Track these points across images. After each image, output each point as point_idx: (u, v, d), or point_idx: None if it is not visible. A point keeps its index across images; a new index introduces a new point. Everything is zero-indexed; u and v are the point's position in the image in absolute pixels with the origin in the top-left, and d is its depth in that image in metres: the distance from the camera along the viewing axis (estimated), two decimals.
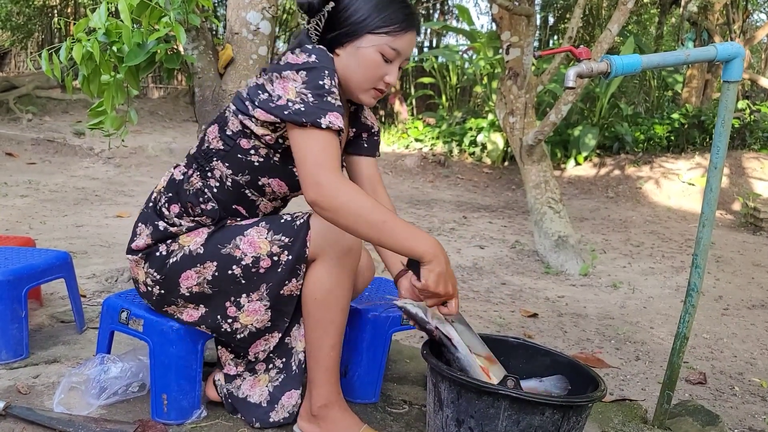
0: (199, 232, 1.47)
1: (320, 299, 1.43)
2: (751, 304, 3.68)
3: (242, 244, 1.42)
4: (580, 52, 1.45)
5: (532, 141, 4.43)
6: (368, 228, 1.25)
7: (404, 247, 1.27)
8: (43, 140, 7.54)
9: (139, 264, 1.51)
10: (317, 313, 1.44)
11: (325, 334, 1.45)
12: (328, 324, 1.44)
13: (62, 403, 1.56)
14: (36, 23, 11.76)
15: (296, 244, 1.41)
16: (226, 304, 1.46)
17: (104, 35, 2.10)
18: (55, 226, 4.22)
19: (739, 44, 1.61)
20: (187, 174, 1.51)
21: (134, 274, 1.54)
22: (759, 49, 12.16)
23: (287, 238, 1.41)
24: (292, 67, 1.33)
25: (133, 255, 1.52)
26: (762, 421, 2.18)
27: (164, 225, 1.48)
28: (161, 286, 1.48)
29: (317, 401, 1.48)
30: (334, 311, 1.44)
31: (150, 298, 1.53)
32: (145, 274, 1.50)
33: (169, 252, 1.47)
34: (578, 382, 1.46)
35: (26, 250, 2.11)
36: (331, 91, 1.33)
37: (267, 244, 1.41)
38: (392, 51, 1.40)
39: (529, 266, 4.25)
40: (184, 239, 1.47)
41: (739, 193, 6.89)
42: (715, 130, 1.63)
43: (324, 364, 1.47)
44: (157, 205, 1.51)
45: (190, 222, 1.48)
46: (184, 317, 1.51)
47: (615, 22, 4.08)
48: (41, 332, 2.12)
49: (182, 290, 1.47)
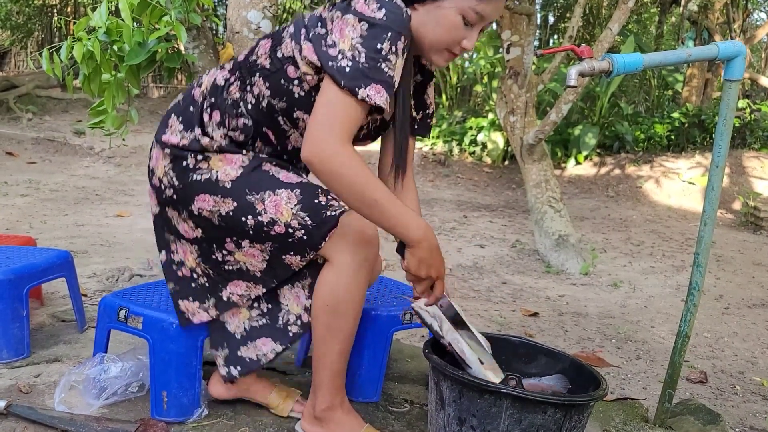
0: (233, 162, 1.39)
1: (331, 306, 1.39)
2: (751, 303, 3.68)
3: (268, 201, 1.35)
4: (582, 51, 1.45)
5: (532, 140, 4.43)
6: (359, 202, 1.24)
7: (391, 228, 1.27)
8: (44, 139, 7.54)
9: (163, 159, 1.43)
10: (327, 319, 1.40)
11: (334, 340, 1.41)
12: (338, 331, 1.41)
13: (63, 402, 1.56)
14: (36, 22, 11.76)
15: (316, 232, 1.35)
16: (226, 239, 1.41)
17: (105, 34, 2.10)
18: (56, 225, 4.22)
19: (741, 43, 1.61)
20: (228, 81, 1.42)
21: (154, 164, 1.46)
22: (759, 48, 12.16)
23: (311, 221, 1.35)
24: (357, 14, 1.23)
25: (160, 146, 1.44)
26: (763, 420, 2.18)
27: (199, 134, 1.41)
28: (175, 192, 1.42)
29: (321, 404, 1.47)
30: (344, 319, 1.40)
31: (158, 194, 1.46)
32: (165, 173, 1.43)
33: (196, 167, 1.40)
34: (579, 381, 1.46)
35: (27, 250, 2.11)
36: (388, 58, 1.23)
37: (290, 215, 1.34)
38: (475, 15, 1.28)
39: (530, 265, 4.25)
40: (216, 163, 1.39)
41: (740, 192, 6.89)
42: (717, 128, 1.63)
43: (331, 369, 1.44)
44: (200, 108, 1.43)
45: (224, 137, 1.41)
46: (180, 228, 1.46)
47: (615, 21, 4.08)
48: (42, 331, 2.11)
49: (192, 207, 1.40)
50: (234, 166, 1.39)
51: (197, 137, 1.41)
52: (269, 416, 1.62)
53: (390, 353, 1.81)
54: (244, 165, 1.39)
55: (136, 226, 4.34)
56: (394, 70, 1.25)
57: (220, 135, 1.41)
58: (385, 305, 1.76)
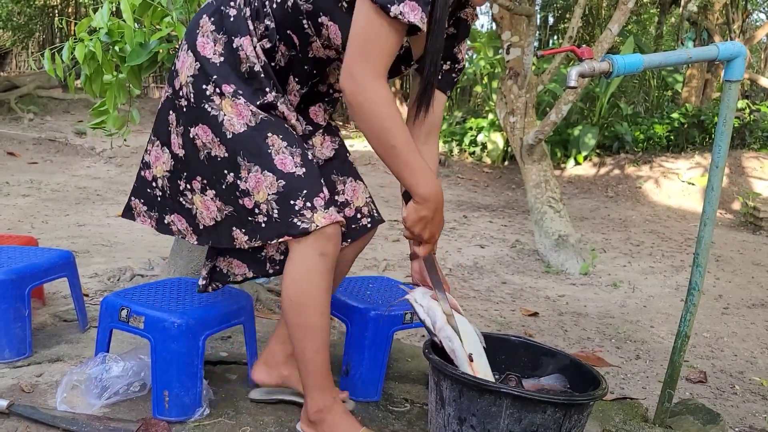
0: (241, 114, 1.35)
1: (294, 301, 1.38)
2: (751, 303, 3.69)
3: (253, 174, 1.34)
4: (582, 52, 1.46)
5: (532, 140, 4.44)
6: (377, 143, 1.23)
7: (402, 178, 1.26)
8: (45, 140, 7.55)
9: (188, 69, 1.39)
10: (293, 317, 1.39)
11: (305, 338, 1.40)
12: (305, 328, 1.39)
13: (65, 402, 1.57)
14: (37, 23, 11.76)
15: (274, 228, 1.34)
16: (198, 176, 1.42)
17: (106, 35, 2.11)
18: (57, 225, 4.23)
19: (741, 43, 1.61)
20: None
21: (179, 66, 1.42)
22: (759, 48, 12.17)
23: (277, 216, 1.33)
24: None
25: (192, 54, 1.39)
26: (763, 420, 2.19)
27: (239, 43, 1.35)
28: (186, 106, 1.40)
29: (311, 407, 1.45)
30: (311, 315, 1.38)
31: (173, 95, 1.43)
32: (186, 83, 1.40)
33: (210, 97, 1.37)
34: (579, 380, 1.46)
35: (29, 250, 2.11)
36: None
37: (263, 198, 1.34)
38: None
39: (530, 265, 4.25)
40: (227, 107, 1.36)
41: (739, 192, 6.90)
42: (717, 129, 1.63)
43: (310, 369, 1.43)
44: (230, 6, 1.37)
45: (254, 52, 1.35)
46: (171, 136, 1.45)
47: (615, 22, 4.09)
48: (44, 331, 2.12)
49: (191, 129, 1.39)
50: (240, 120, 1.35)
51: (235, 46, 1.36)
52: (270, 415, 1.62)
53: (390, 353, 1.82)
54: (249, 124, 1.36)
55: (137, 226, 4.35)
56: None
57: (249, 43, 1.36)
58: (386, 305, 1.77)
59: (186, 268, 2.46)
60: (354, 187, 1.56)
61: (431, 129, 1.50)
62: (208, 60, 1.38)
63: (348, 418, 1.47)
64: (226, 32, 1.37)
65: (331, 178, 1.54)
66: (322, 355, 1.42)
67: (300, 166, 1.36)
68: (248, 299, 1.76)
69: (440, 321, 1.39)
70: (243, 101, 1.36)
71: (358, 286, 1.90)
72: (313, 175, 1.37)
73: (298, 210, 1.33)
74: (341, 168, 1.56)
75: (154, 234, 4.12)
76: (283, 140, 1.36)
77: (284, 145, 1.36)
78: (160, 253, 3.34)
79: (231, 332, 2.10)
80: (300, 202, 1.34)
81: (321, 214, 1.34)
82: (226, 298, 1.72)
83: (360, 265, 3.70)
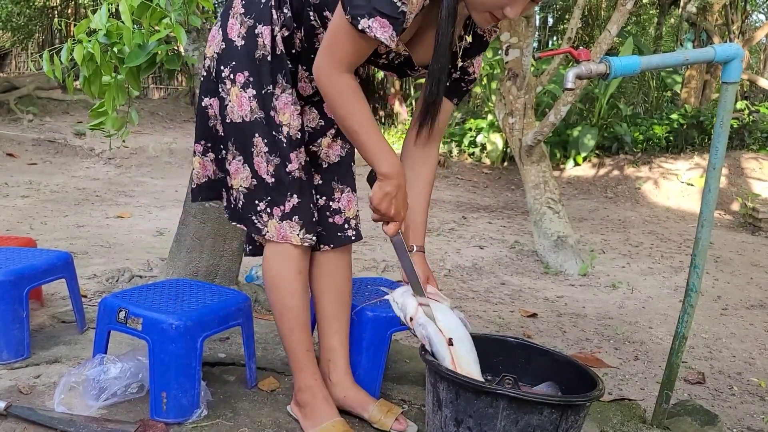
0: (241, 105, 1.45)
1: (270, 282, 1.52)
2: (749, 304, 3.69)
3: (235, 162, 1.48)
4: (579, 54, 1.46)
5: (531, 141, 4.44)
6: (342, 127, 1.38)
7: (367, 159, 1.36)
8: (44, 141, 7.54)
9: (215, 46, 1.50)
10: (270, 297, 1.54)
11: (280, 317, 1.53)
12: (281, 307, 1.52)
13: (63, 403, 1.57)
14: (36, 24, 11.75)
15: (235, 216, 1.53)
16: (203, 140, 1.58)
17: (105, 36, 2.11)
18: (56, 226, 4.23)
19: (738, 45, 1.62)
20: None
21: (210, 37, 1.53)
22: (758, 49, 12.17)
23: (241, 208, 1.50)
24: None
25: (221, 31, 1.48)
26: (761, 421, 2.19)
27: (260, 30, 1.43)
28: (206, 76, 1.53)
29: (296, 386, 1.57)
30: (282, 294, 1.51)
31: (210, 60, 1.53)
32: (212, 57, 1.50)
33: (223, 80, 1.47)
34: (577, 381, 1.46)
35: (27, 251, 2.11)
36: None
37: (237, 186, 1.50)
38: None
39: (529, 266, 4.25)
40: (233, 95, 1.46)
41: (738, 193, 6.90)
42: (714, 130, 1.64)
43: (288, 349, 1.55)
44: None
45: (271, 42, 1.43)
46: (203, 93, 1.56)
47: (614, 23, 4.09)
48: (42, 332, 2.12)
49: (206, 100, 1.53)
50: (240, 110, 1.46)
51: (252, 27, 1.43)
52: (268, 417, 1.62)
53: (388, 354, 1.82)
54: (244, 118, 1.46)
55: (136, 227, 4.35)
56: (407, 5, 1.21)
57: (268, 32, 1.43)
58: (384, 307, 1.77)
59: (185, 269, 2.46)
60: (350, 198, 1.65)
61: (435, 134, 1.52)
62: (232, 42, 1.47)
63: (327, 405, 1.54)
64: (252, 17, 1.44)
65: (331, 184, 1.63)
66: (297, 335, 1.53)
67: (271, 176, 1.47)
68: (246, 300, 1.76)
69: (411, 310, 1.41)
70: (247, 96, 1.45)
71: (356, 288, 1.90)
72: (282, 186, 1.47)
73: (258, 211, 1.49)
74: (343, 177, 1.64)
75: (152, 235, 4.13)
76: (266, 145, 1.46)
77: (265, 150, 1.46)
78: (159, 254, 3.34)
79: (229, 333, 2.10)
80: (262, 205, 1.48)
81: (274, 223, 1.48)
82: (224, 299, 1.72)
83: (359, 266, 3.70)
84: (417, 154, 1.54)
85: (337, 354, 1.63)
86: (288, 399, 1.69)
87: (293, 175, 1.48)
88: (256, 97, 1.45)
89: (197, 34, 2.32)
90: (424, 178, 1.55)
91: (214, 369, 1.88)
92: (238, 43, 1.45)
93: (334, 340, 1.63)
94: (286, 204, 1.47)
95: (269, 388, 1.78)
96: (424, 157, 1.55)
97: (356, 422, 1.62)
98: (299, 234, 1.48)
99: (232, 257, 2.50)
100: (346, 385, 1.63)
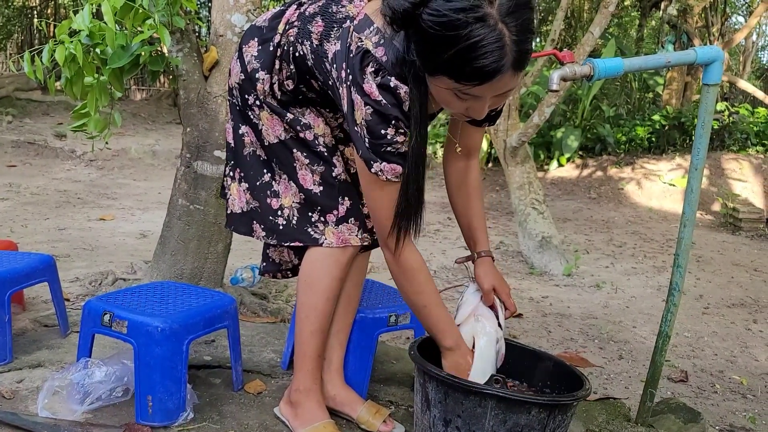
0: (274, 126, 1.49)
1: (305, 281, 1.51)
2: (731, 303, 3.74)
3: (283, 179, 1.51)
4: (563, 56, 1.47)
5: (515, 143, 4.47)
6: (409, 302, 1.42)
7: (431, 332, 1.42)
8: (24, 142, 7.44)
9: (236, 77, 1.52)
10: (302, 296, 1.52)
11: (306, 318, 1.51)
12: (310, 309, 1.51)
13: (47, 408, 1.55)
14: (15, 24, 11.60)
15: (289, 233, 1.51)
16: (238, 168, 1.58)
17: (88, 37, 2.09)
18: (37, 229, 4.17)
19: (718, 48, 1.64)
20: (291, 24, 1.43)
21: (232, 68, 1.55)
22: (737, 51, 12.34)
23: (296, 223, 1.50)
24: (363, 94, 1.24)
25: (239, 63, 1.50)
26: (743, 418, 2.22)
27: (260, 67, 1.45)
28: (236, 105, 1.55)
29: (294, 385, 1.56)
30: (318, 297, 1.50)
31: (229, 91, 1.57)
32: (235, 86, 1.53)
33: (252, 106, 1.50)
34: (563, 381, 1.47)
35: (9, 254, 2.08)
36: (394, 141, 1.25)
37: (288, 204, 1.51)
38: (465, 95, 1.16)
39: (514, 267, 4.28)
40: (264, 118, 1.50)
41: (719, 193, 6.99)
42: (696, 132, 1.66)
43: (303, 350, 1.53)
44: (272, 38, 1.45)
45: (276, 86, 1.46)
46: (227, 125, 1.60)
47: (597, 25, 4.13)
48: (24, 336, 2.09)
49: (243, 128, 1.55)
50: (274, 132, 1.50)
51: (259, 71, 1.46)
52: (254, 419, 1.62)
53: (375, 355, 1.82)
54: (280, 138, 1.50)
55: (119, 230, 4.31)
56: (403, 145, 1.27)
57: (271, 81, 1.46)
58: (371, 308, 1.77)
59: (169, 272, 2.44)
60: None
61: (472, 151, 1.60)
62: (249, 72, 1.49)
63: (320, 407, 1.55)
64: (260, 62, 1.47)
65: (359, 189, 1.58)
66: (318, 338, 1.53)
67: (318, 184, 1.50)
68: (232, 303, 1.75)
69: (463, 314, 1.47)
70: (277, 118, 1.48)
71: None
72: (332, 190, 1.49)
73: (313, 222, 1.50)
74: None
75: (136, 238, 4.09)
76: (306, 157, 1.50)
77: (306, 162, 1.50)
78: (143, 256, 3.31)
79: (215, 336, 2.09)
80: (316, 216, 1.50)
81: (331, 229, 1.49)
82: (209, 302, 1.71)
83: None
84: (460, 166, 1.59)
85: (333, 353, 1.65)
86: (275, 401, 1.69)
87: (340, 178, 1.50)
88: (283, 124, 1.50)
89: (181, 35, 2.30)
90: (472, 185, 1.60)
91: (200, 372, 1.87)
92: (251, 100, 1.51)
93: (334, 339, 1.65)
94: (340, 208, 1.49)
95: (256, 391, 1.78)
96: (467, 169, 1.60)
97: (344, 423, 1.62)
98: (358, 235, 1.51)
99: (217, 259, 2.49)
100: (337, 383, 1.65)
